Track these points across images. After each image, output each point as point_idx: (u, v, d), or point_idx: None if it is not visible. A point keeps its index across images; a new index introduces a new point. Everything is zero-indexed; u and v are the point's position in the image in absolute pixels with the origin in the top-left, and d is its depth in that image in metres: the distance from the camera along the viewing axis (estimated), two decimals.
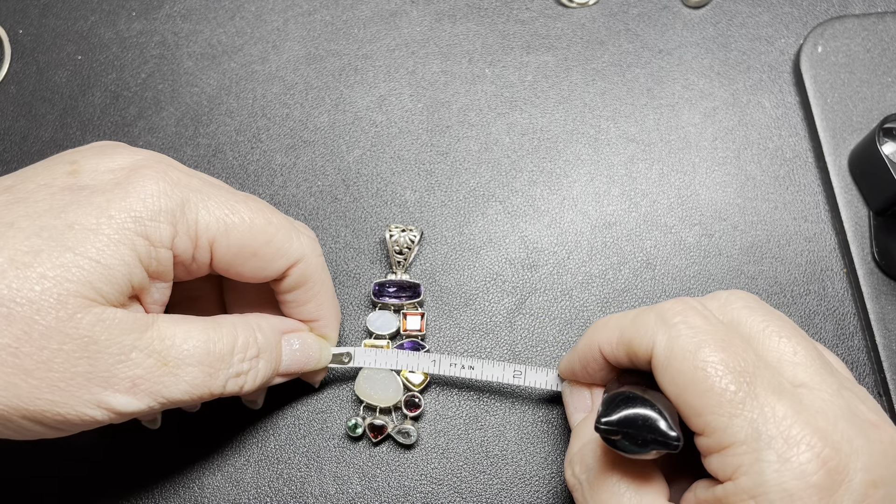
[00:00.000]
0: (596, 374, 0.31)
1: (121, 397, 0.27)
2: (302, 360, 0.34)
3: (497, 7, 0.44)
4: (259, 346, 0.31)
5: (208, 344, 0.29)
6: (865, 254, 0.38)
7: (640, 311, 0.29)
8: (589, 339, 0.30)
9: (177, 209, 0.29)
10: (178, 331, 0.29)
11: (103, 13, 0.44)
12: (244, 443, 0.36)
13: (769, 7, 0.44)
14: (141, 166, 0.29)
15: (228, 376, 0.30)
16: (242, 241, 0.30)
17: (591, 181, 0.41)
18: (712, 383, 0.25)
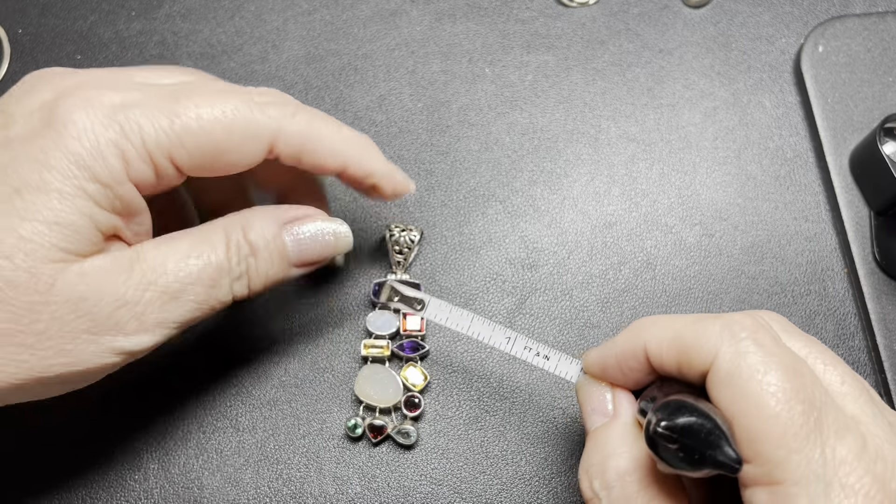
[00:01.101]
0: (630, 376, 0.29)
1: (132, 338, 0.27)
2: (316, 249, 0.31)
3: (497, 6, 0.44)
4: (251, 243, 0.29)
5: (201, 259, 0.28)
6: (866, 254, 0.38)
7: (700, 317, 0.26)
8: (634, 336, 0.28)
9: (119, 137, 0.26)
10: (168, 255, 0.28)
11: (103, 13, 0.44)
12: (244, 443, 0.36)
13: (770, 7, 0.44)
14: (64, 96, 0.27)
15: (231, 281, 0.29)
16: (200, 144, 0.28)
17: (592, 181, 0.41)
18: (779, 410, 0.23)
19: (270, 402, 0.37)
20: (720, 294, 0.38)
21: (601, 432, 0.28)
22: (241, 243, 0.29)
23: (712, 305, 0.38)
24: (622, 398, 0.29)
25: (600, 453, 0.27)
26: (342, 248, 0.32)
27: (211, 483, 0.35)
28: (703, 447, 0.23)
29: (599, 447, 0.28)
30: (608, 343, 0.30)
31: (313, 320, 0.38)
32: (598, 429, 0.28)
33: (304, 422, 0.36)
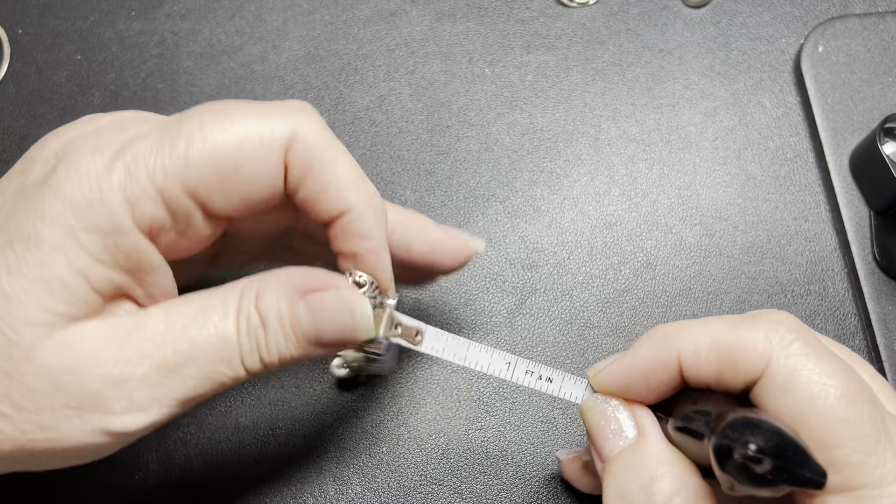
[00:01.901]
0: (657, 390, 0.26)
1: (122, 418, 0.23)
2: (336, 326, 0.26)
3: (497, 6, 0.44)
4: (261, 314, 0.25)
5: (206, 328, 0.24)
6: (866, 254, 0.38)
7: (734, 321, 0.24)
8: (663, 348, 0.25)
9: (123, 178, 0.23)
10: (172, 322, 0.24)
11: (103, 13, 0.44)
12: (243, 443, 0.36)
13: (770, 7, 0.44)
14: (73, 140, 0.24)
15: (241, 356, 0.25)
16: (211, 161, 0.24)
17: (592, 181, 0.41)
18: (850, 413, 0.22)
19: (270, 402, 0.37)
20: (720, 294, 0.38)
21: (632, 455, 0.25)
22: (252, 313, 0.25)
23: (712, 305, 0.38)
24: (644, 415, 0.26)
25: (639, 478, 0.25)
26: (362, 332, 0.26)
27: (211, 483, 0.35)
28: (791, 465, 0.21)
29: (635, 471, 0.25)
30: (625, 357, 0.26)
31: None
32: (626, 451, 0.26)
33: (304, 422, 0.36)
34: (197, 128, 0.24)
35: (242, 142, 0.24)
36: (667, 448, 0.25)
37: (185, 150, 0.24)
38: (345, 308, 0.26)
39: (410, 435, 0.36)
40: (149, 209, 0.24)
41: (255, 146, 0.24)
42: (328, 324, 0.25)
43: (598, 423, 0.27)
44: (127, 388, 0.23)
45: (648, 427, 0.26)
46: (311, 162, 0.25)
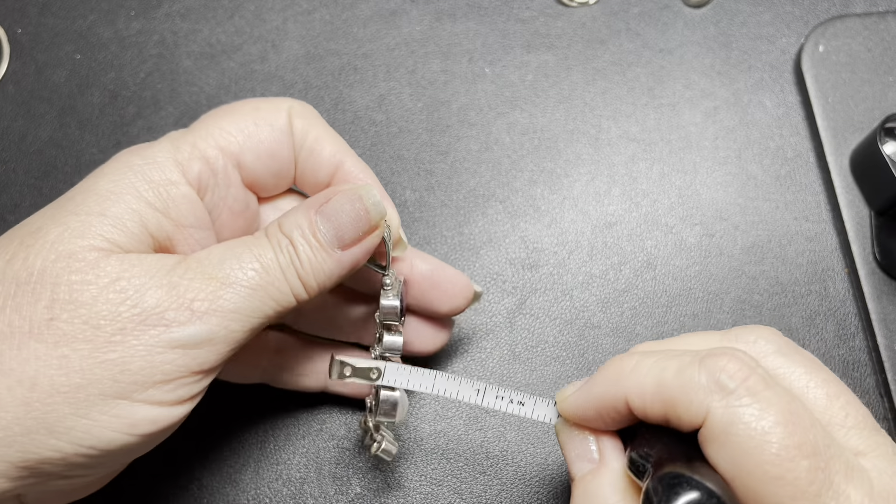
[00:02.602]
0: (613, 424, 0.27)
1: (186, 328, 0.25)
2: (350, 223, 0.28)
3: (497, 6, 0.44)
4: (286, 234, 0.28)
5: (244, 247, 0.27)
6: (867, 254, 0.38)
7: (682, 363, 0.24)
8: (612, 387, 0.26)
9: (171, 147, 0.28)
10: (213, 249, 0.27)
11: (102, 12, 0.44)
12: (243, 443, 0.36)
13: (770, 6, 0.44)
14: None
15: (282, 271, 0.27)
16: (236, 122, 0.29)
17: (592, 181, 0.41)
18: (786, 470, 0.22)
19: (270, 402, 0.36)
20: (721, 294, 0.38)
21: (590, 481, 0.26)
22: (279, 236, 0.28)
23: (713, 305, 0.38)
24: (607, 444, 0.27)
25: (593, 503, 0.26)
26: (375, 215, 0.29)
27: (211, 483, 0.35)
28: None
29: (590, 497, 0.26)
30: (583, 388, 0.27)
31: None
32: (586, 477, 0.27)
33: (304, 422, 0.36)
34: (218, 110, 0.30)
35: (257, 108, 0.30)
36: (623, 479, 0.26)
37: (215, 122, 0.29)
38: (353, 197, 0.28)
39: (410, 435, 0.36)
40: (195, 167, 0.28)
41: (268, 109, 0.30)
42: (343, 217, 0.28)
43: (566, 444, 0.28)
44: (186, 298, 0.25)
45: (609, 456, 0.27)
46: (309, 125, 0.30)
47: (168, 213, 0.27)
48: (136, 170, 0.27)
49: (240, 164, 0.30)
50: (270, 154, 0.30)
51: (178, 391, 0.25)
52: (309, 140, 0.31)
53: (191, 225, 0.28)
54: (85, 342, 0.24)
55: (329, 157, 0.31)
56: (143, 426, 0.25)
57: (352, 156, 0.31)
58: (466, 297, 0.33)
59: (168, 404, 0.25)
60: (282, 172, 0.31)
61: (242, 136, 0.29)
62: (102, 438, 0.25)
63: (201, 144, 0.28)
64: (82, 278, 0.25)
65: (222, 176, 0.29)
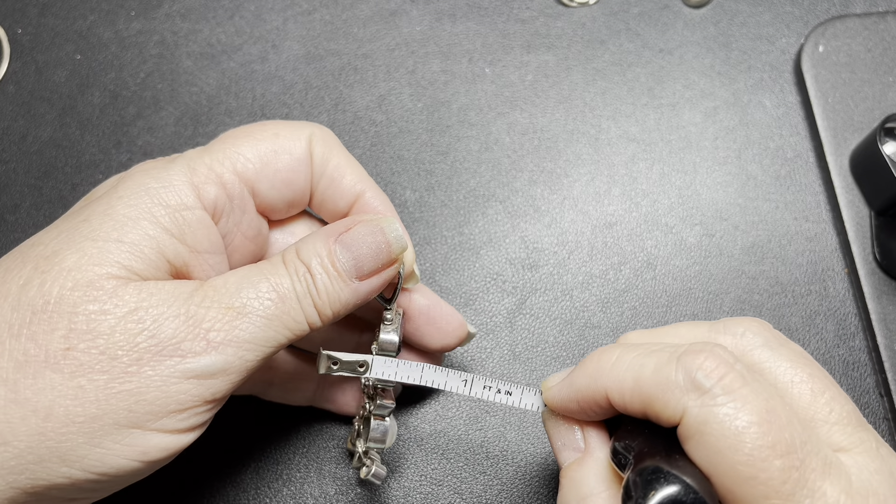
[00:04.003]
0: (595, 417, 0.27)
1: (201, 358, 0.25)
2: (370, 254, 0.28)
3: (497, 6, 0.44)
4: (304, 261, 0.28)
5: (261, 275, 0.27)
6: (867, 254, 0.38)
7: (660, 361, 0.24)
8: (593, 382, 0.26)
9: (186, 169, 0.28)
10: (230, 277, 0.27)
11: (102, 12, 0.44)
12: (243, 443, 0.36)
13: (770, 6, 0.44)
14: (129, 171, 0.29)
15: (298, 299, 0.27)
16: (256, 149, 0.29)
17: (592, 181, 0.41)
18: (758, 470, 0.22)
19: (270, 402, 0.36)
20: (721, 294, 0.38)
21: (575, 470, 0.27)
22: (297, 263, 0.28)
23: (713, 305, 0.38)
24: (592, 433, 0.27)
25: (576, 493, 0.26)
26: (396, 249, 0.29)
27: (211, 483, 0.35)
28: None
29: (575, 486, 0.26)
30: (566, 381, 0.27)
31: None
32: (572, 465, 0.27)
33: (305, 422, 0.36)
34: (237, 132, 0.29)
35: (277, 135, 0.30)
36: (607, 468, 0.26)
37: (233, 145, 0.29)
38: (375, 229, 0.29)
39: (410, 435, 0.36)
40: (211, 191, 0.28)
41: (287, 137, 0.30)
42: (363, 248, 0.28)
43: (553, 433, 0.28)
44: (202, 328, 0.25)
45: (594, 445, 0.27)
46: (330, 153, 0.30)
47: (184, 238, 0.27)
48: (152, 193, 0.27)
49: (254, 191, 0.29)
50: (287, 183, 0.30)
51: (190, 420, 0.26)
52: (329, 168, 0.30)
53: (206, 250, 0.28)
54: (101, 373, 0.24)
55: (349, 186, 0.31)
56: (154, 454, 0.25)
57: (372, 186, 0.31)
58: (459, 337, 0.33)
59: (179, 432, 0.26)
60: (296, 200, 0.31)
61: (260, 162, 0.29)
62: (113, 465, 0.25)
63: (218, 168, 0.28)
64: (100, 308, 0.24)
65: (238, 201, 0.29)
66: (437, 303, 0.33)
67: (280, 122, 0.30)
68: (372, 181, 0.31)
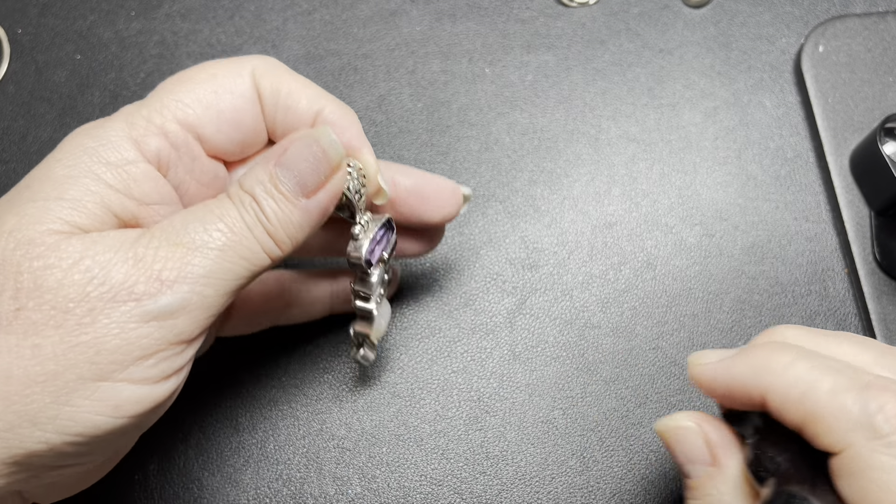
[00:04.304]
0: (734, 405, 0.26)
1: (158, 299, 0.24)
2: (308, 168, 0.27)
3: (497, 6, 0.44)
4: (248, 190, 0.26)
5: (207, 209, 0.26)
6: (867, 254, 0.38)
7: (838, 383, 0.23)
8: (754, 378, 0.25)
9: (125, 125, 0.26)
10: (176, 219, 0.26)
11: (102, 13, 0.44)
12: (243, 443, 0.36)
13: (770, 6, 0.44)
14: None
15: (250, 229, 0.26)
16: (195, 93, 0.28)
17: (592, 181, 0.41)
18: None
19: (270, 402, 0.37)
20: (721, 294, 0.38)
21: (710, 486, 0.26)
22: (241, 194, 0.27)
23: (713, 305, 0.38)
24: (718, 443, 0.26)
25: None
26: (334, 155, 0.27)
27: (211, 483, 0.35)
28: None
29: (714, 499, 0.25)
30: (725, 365, 0.26)
31: (314, 321, 0.38)
32: (704, 481, 0.26)
33: (304, 422, 0.36)
34: (174, 79, 0.28)
35: (214, 76, 0.28)
36: (740, 482, 0.25)
37: (170, 93, 0.27)
38: (309, 141, 0.27)
39: (410, 435, 0.36)
40: (153, 143, 0.27)
41: (226, 75, 0.28)
42: (302, 164, 0.27)
43: (676, 446, 0.27)
44: (153, 269, 0.24)
45: (723, 456, 0.26)
46: (279, 82, 0.29)
47: (130, 192, 0.26)
48: (90, 153, 0.26)
49: (200, 137, 0.28)
50: (233, 124, 0.29)
51: (159, 366, 0.25)
52: (282, 98, 0.29)
53: (155, 202, 0.27)
54: (55, 328, 0.23)
55: (306, 109, 0.29)
56: (128, 407, 0.24)
57: (330, 101, 0.29)
58: (457, 203, 0.32)
59: (152, 381, 0.25)
60: (248, 140, 0.30)
61: (201, 107, 0.28)
62: (87, 424, 0.24)
63: (157, 119, 0.27)
64: (44, 263, 0.24)
65: (184, 150, 0.28)
66: (424, 178, 0.32)
67: (219, 62, 0.29)
68: (329, 96, 0.30)
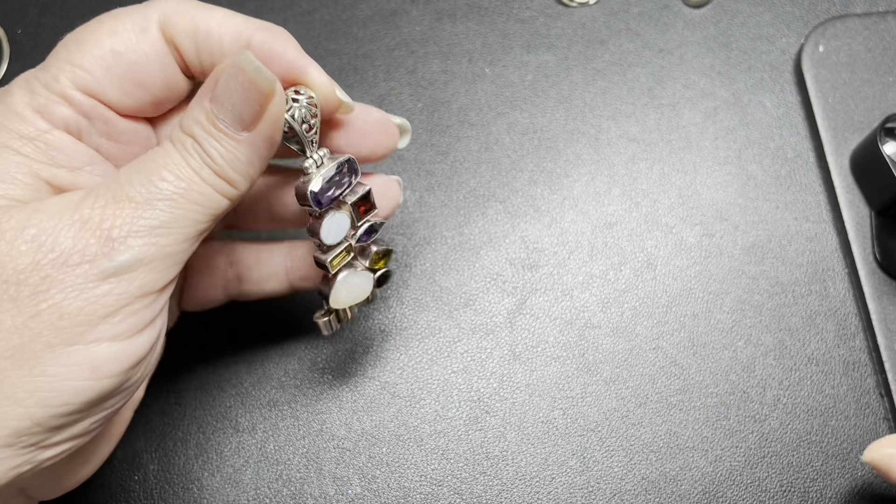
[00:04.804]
0: None
1: (113, 257, 0.23)
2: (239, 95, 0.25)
3: (497, 6, 0.44)
4: (187, 131, 0.25)
5: (150, 159, 0.25)
6: (867, 254, 0.38)
7: None
8: None
9: (27, 94, 0.25)
10: (122, 173, 0.25)
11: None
12: (243, 443, 0.36)
13: (770, 6, 0.44)
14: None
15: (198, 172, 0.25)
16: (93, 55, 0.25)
17: (592, 181, 0.41)
18: None
19: (270, 402, 0.36)
20: (721, 294, 0.38)
21: None
22: (183, 138, 0.25)
23: (713, 305, 0.38)
24: None
25: None
26: (263, 83, 0.25)
27: (211, 483, 0.35)
28: None
29: None
30: None
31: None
32: None
33: (304, 422, 0.36)
34: (72, 38, 0.26)
35: (114, 31, 0.26)
36: None
37: (66, 57, 0.25)
38: (235, 71, 0.25)
39: (410, 435, 0.36)
40: (58, 112, 0.25)
41: (128, 30, 0.26)
42: (234, 96, 0.25)
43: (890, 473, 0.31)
44: (102, 228, 0.23)
45: None
46: (193, 24, 0.26)
47: (55, 161, 0.25)
48: (2, 131, 0.25)
49: (106, 102, 0.26)
50: (140, 85, 0.26)
51: (129, 321, 0.24)
52: (201, 40, 0.26)
53: (87, 164, 0.26)
54: (11, 300, 0.23)
55: (231, 45, 0.26)
56: (106, 366, 0.24)
57: (257, 27, 0.27)
58: (387, 135, 0.31)
59: (125, 337, 0.24)
60: (161, 97, 0.27)
61: (100, 70, 0.26)
62: (67, 391, 0.23)
63: (56, 87, 0.25)
64: None
65: (94, 115, 0.26)
66: (359, 112, 0.30)
67: (119, 13, 0.26)
68: (257, 22, 0.27)
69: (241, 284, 0.33)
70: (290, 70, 0.27)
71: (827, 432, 0.36)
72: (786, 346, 0.37)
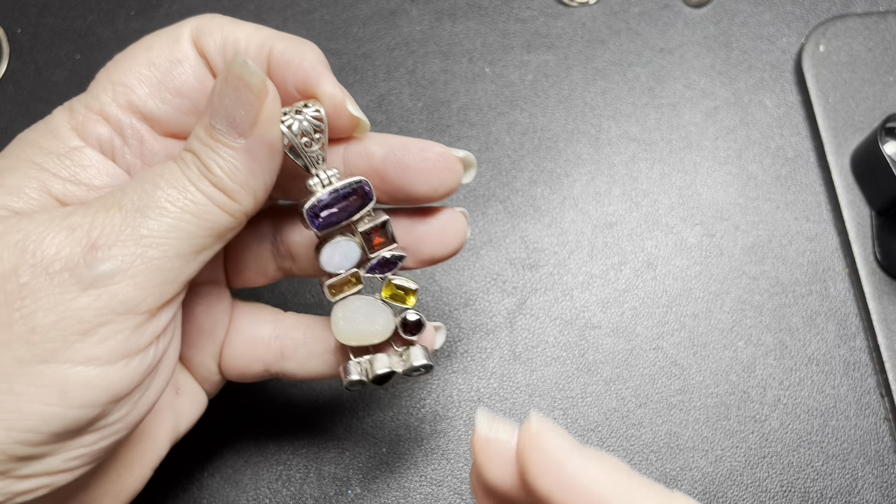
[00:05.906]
0: None
1: (94, 266, 0.22)
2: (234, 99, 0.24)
3: (497, 6, 0.44)
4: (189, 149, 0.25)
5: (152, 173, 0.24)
6: (867, 254, 0.38)
7: None
8: None
9: (66, 113, 0.26)
10: (119, 186, 0.25)
11: (102, 12, 0.44)
12: (242, 443, 0.36)
13: (771, 6, 0.44)
14: None
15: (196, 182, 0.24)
16: (134, 69, 0.26)
17: (592, 181, 0.41)
18: None
19: (269, 403, 0.36)
20: (721, 294, 0.38)
21: None
22: (183, 154, 0.25)
23: (713, 305, 0.38)
24: None
25: None
26: (255, 82, 0.24)
27: (211, 483, 0.35)
28: None
29: None
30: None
31: None
32: None
33: (305, 422, 0.36)
34: (112, 62, 0.27)
35: (150, 47, 0.27)
36: None
37: (106, 77, 0.27)
38: (226, 74, 0.24)
39: (410, 435, 0.36)
40: (94, 130, 0.26)
41: (162, 45, 0.27)
42: (226, 100, 0.24)
43: None
44: (90, 236, 0.22)
45: None
46: (223, 37, 0.26)
47: (77, 178, 0.25)
48: (31, 143, 0.25)
49: (147, 116, 0.26)
50: (176, 92, 0.26)
51: (108, 342, 0.22)
52: (229, 52, 0.27)
53: (106, 185, 0.26)
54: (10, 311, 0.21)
55: (256, 55, 0.26)
56: (78, 393, 0.22)
57: (281, 39, 0.26)
58: (449, 170, 0.29)
59: (103, 362, 0.22)
60: (200, 102, 0.27)
61: (137, 84, 0.26)
62: (34, 416, 0.21)
63: (95, 105, 0.26)
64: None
65: (130, 133, 0.26)
66: (402, 143, 0.28)
67: (156, 32, 0.27)
68: (285, 35, 0.27)
69: (282, 361, 0.31)
70: (304, 79, 0.26)
71: (827, 432, 0.36)
72: (786, 346, 0.37)
